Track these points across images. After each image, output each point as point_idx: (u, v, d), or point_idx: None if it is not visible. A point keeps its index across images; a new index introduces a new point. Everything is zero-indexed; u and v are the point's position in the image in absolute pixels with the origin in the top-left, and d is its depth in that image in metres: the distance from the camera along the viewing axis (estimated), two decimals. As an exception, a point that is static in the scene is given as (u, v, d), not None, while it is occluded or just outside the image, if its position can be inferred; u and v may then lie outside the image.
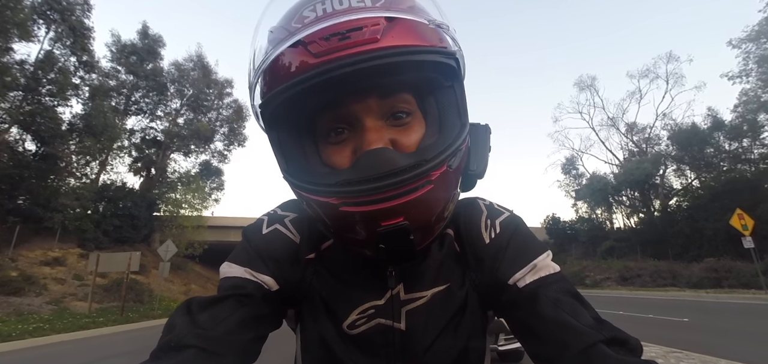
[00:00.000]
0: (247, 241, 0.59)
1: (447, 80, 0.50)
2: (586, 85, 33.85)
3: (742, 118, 23.17)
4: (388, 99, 0.48)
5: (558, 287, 0.51)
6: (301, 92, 0.43)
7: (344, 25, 0.42)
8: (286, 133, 0.50)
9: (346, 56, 0.41)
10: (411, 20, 0.45)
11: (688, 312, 9.69)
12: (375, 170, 0.43)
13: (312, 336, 0.57)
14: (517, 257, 0.55)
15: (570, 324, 0.45)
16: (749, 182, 20.88)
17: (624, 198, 30.84)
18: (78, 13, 18.31)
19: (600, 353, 0.42)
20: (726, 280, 16.77)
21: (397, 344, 0.54)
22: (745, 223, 14.02)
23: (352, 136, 0.48)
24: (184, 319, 0.48)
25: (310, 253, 0.59)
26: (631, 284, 21.09)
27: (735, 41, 23.12)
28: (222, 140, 27.67)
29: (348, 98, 0.46)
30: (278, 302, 0.56)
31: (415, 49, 0.44)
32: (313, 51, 0.42)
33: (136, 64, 23.05)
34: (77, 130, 18.44)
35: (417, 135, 0.49)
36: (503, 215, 0.61)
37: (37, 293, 12.75)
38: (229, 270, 0.55)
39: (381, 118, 0.48)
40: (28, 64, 16.18)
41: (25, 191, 16.04)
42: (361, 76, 0.43)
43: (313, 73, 0.42)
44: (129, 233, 19.86)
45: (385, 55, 0.42)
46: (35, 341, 8.43)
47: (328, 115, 0.48)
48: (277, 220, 0.61)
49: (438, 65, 0.47)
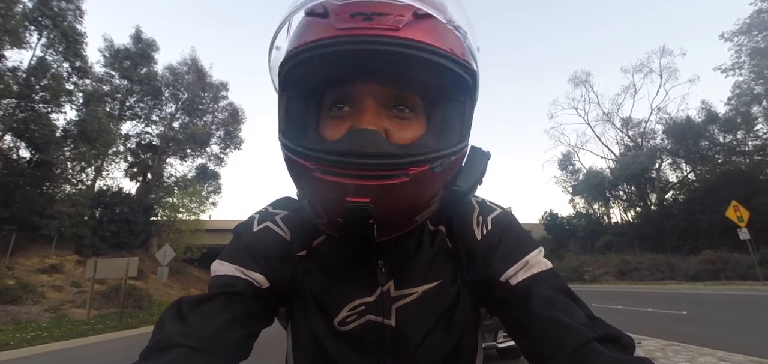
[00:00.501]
0: (238, 239, 0.58)
1: (459, 95, 0.50)
2: (581, 81, 34.01)
3: (735, 111, 23.36)
4: (393, 89, 0.48)
5: (550, 284, 0.51)
6: (316, 58, 0.44)
7: (371, 7, 0.43)
8: (294, 98, 0.50)
9: (364, 35, 0.42)
10: (437, 21, 0.45)
11: (686, 305, 9.75)
12: (358, 148, 0.43)
13: (303, 333, 0.57)
14: (509, 253, 0.55)
15: (563, 322, 0.45)
16: (744, 173, 21.05)
17: (621, 193, 30.98)
18: (70, 18, 18.19)
19: (593, 351, 0.42)
20: (723, 272, 16.88)
21: (388, 340, 0.54)
22: (741, 214, 14.13)
23: (352, 114, 0.48)
24: (174, 318, 0.48)
25: (301, 250, 0.59)
26: (629, 278, 21.19)
27: (727, 34, 23.31)
28: (218, 143, 27.60)
29: (356, 77, 0.47)
30: (269, 299, 0.56)
31: (431, 48, 0.43)
32: (337, 24, 0.43)
33: (129, 68, 22.91)
34: (72, 137, 18.32)
35: (413, 134, 0.49)
36: (495, 211, 0.61)
37: (34, 301, 12.67)
38: (219, 268, 0.55)
39: (382, 105, 0.48)
40: (20, 71, 16.06)
41: (20, 198, 15.89)
42: (373, 58, 0.43)
43: (330, 41, 0.43)
44: (126, 238, 19.73)
45: (399, 45, 0.42)
46: (34, 350, 8.39)
47: (336, 90, 0.49)
48: (267, 217, 0.61)
49: (452, 75, 0.46)
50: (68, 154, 18.33)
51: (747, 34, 22.47)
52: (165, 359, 0.43)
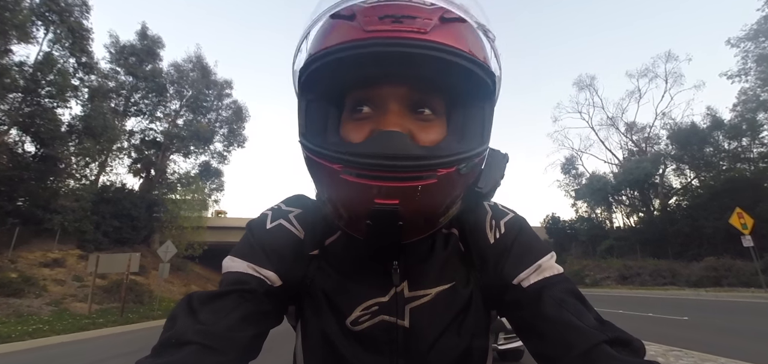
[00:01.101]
0: (251, 235, 0.58)
1: (480, 99, 0.50)
2: (586, 85, 33.92)
3: (741, 117, 23.20)
4: (418, 92, 0.48)
5: (562, 287, 0.51)
6: (344, 60, 0.44)
7: (399, 9, 0.43)
8: (315, 100, 0.50)
9: (393, 38, 0.42)
10: (465, 25, 0.46)
11: (688, 311, 9.70)
12: (385, 149, 0.43)
13: (314, 332, 0.57)
14: (522, 257, 0.55)
15: (574, 324, 0.46)
16: (749, 180, 20.91)
17: (623, 197, 30.85)
18: (77, 14, 18.25)
19: (603, 354, 0.42)
20: (725, 278, 16.79)
21: (401, 341, 0.55)
22: (745, 222, 14.03)
23: (375, 116, 0.48)
24: (186, 314, 0.48)
25: (314, 249, 0.59)
26: (630, 282, 21.11)
27: (734, 40, 23.19)
28: (221, 141, 27.60)
29: (381, 79, 0.47)
30: (280, 298, 0.56)
31: (459, 52, 0.44)
32: (365, 26, 0.43)
33: (135, 65, 22.99)
34: (77, 132, 18.40)
35: (436, 136, 0.49)
36: (508, 215, 0.61)
37: (36, 295, 12.73)
38: (231, 265, 0.55)
39: (406, 107, 0.48)
40: (27, 66, 16.13)
41: (24, 192, 16.01)
42: (401, 60, 0.44)
43: (359, 43, 0.43)
44: (129, 234, 19.82)
45: (428, 48, 0.42)
46: (35, 343, 8.43)
47: (359, 92, 0.49)
48: (281, 215, 0.61)
49: (477, 79, 0.47)
50: (73, 149, 18.40)
51: (754, 40, 22.34)
52: (177, 356, 0.43)
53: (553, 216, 33.85)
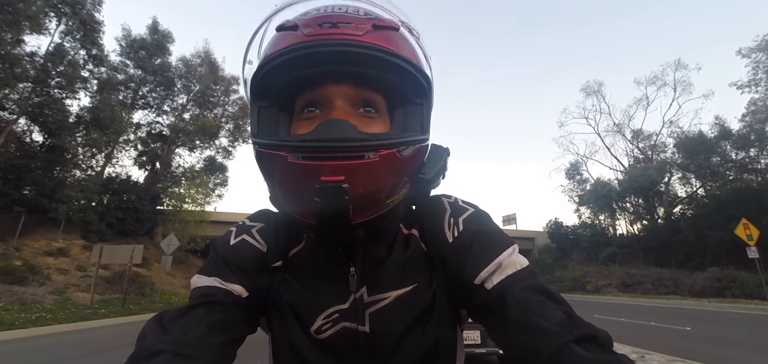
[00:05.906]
0: (216, 252, 0.60)
1: (418, 97, 0.54)
2: (593, 91, 33.80)
3: (749, 128, 22.98)
4: (361, 90, 0.51)
5: (524, 284, 0.50)
6: (287, 62, 0.48)
7: (336, 18, 0.49)
8: (267, 106, 0.54)
9: (330, 39, 0.47)
10: (394, 33, 0.51)
11: (691, 321, 9.62)
12: (330, 134, 0.46)
13: (282, 342, 0.58)
14: (481, 255, 0.54)
15: (540, 327, 0.45)
16: (755, 191, 20.71)
17: (628, 205, 30.65)
18: (89, 6, 18.44)
19: (571, 354, 0.42)
20: (729, 290, 16.63)
21: (363, 346, 0.55)
22: (751, 233, 13.87)
23: (322, 114, 0.52)
24: (155, 329, 0.49)
25: (277, 261, 0.61)
26: (632, 290, 20.97)
27: (744, 50, 22.97)
28: (227, 136, 27.76)
29: (325, 79, 0.50)
30: (249, 308, 0.58)
31: (389, 51, 0.49)
32: (305, 32, 0.48)
33: (144, 58, 23.18)
34: (84, 123, 18.58)
35: (378, 129, 0.52)
36: (467, 211, 0.61)
37: (40, 283, 12.87)
38: (198, 281, 0.57)
39: (350, 105, 0.51)
40: (38, 56, 16.34)
41: (31, 181, 16.18)
42: (339, 59, 0.48)
43: (300, 46, 0.47)
44: (132, 226, 19.95)
45: (361, 46, 0.47)
46: (37, 331, 8.53)
47: (306, 95, 0.52)
48: (244, 230, 0.62)
49: (410, 77, 0.51)
50: (80, 140, 18.59)
51: (765, 51, 22.12)
52: None
53: (556, 221, 33.73)
